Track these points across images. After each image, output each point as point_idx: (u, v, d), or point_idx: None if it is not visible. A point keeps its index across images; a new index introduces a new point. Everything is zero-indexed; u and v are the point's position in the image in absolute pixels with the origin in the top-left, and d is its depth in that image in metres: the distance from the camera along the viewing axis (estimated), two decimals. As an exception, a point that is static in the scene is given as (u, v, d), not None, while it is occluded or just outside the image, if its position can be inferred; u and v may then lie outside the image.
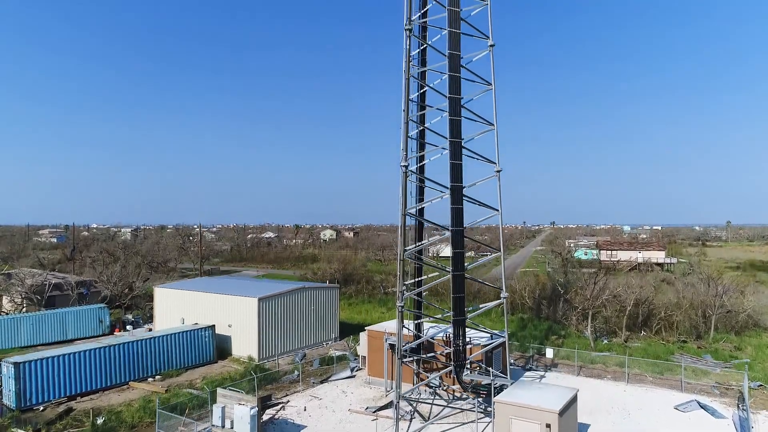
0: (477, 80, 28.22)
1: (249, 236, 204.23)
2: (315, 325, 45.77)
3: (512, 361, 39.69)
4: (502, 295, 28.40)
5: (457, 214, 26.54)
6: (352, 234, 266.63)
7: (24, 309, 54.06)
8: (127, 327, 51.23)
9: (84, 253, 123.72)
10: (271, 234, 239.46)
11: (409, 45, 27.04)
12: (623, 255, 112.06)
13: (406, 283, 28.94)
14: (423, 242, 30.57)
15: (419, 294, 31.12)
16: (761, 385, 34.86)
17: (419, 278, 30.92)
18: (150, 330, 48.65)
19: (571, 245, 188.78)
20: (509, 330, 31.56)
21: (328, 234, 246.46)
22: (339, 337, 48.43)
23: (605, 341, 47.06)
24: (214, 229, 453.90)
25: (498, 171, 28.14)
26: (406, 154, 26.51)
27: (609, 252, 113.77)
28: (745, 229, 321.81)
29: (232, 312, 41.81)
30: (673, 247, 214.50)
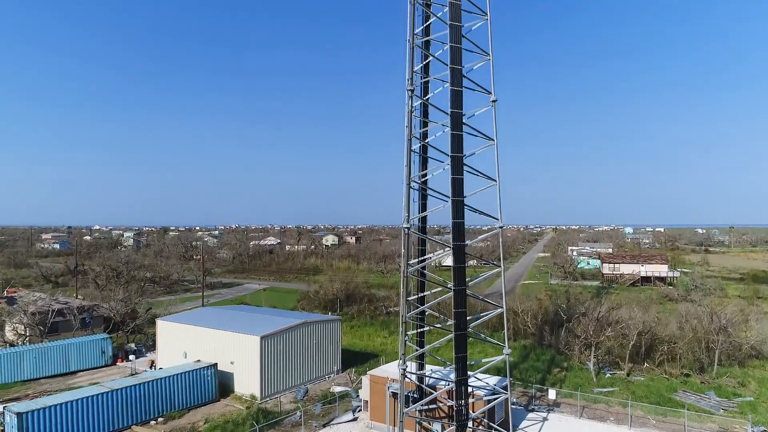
0: (480, 136, 28.16)
1: (251, 243, 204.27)
2: (317, 358, 45.75)
3: (515, 399, 39.59)
4: (504, 351, 28.33)
5: (460, 273, 26.47)
6: (354, 239, 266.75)
7: (27, 339, 54.16)
8: (130, 357, 51.28)
9: (86, 265, 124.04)
10: (273, 240, 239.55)
11: (411, 104, 26.97)
12: (626, 268, 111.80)
13: (408, 335, 28.91)
14: (426, 297, 30.51)
15: (422, 344, 31.12)
16: (765, 431, 34.72)
17: (421, 329, 30.85)
18: (152, 362, 48.69)
19: (574, 253, 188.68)
20: (512, 358, 31.52)
21: (330, 239, 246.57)
22: (341, 368, 48.41)
23: (608, 375, 46.96)
24: (216, 231, 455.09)
25: (500, 227, 28.07)
26: (409, 215, 26.46)
27: (612, 265, 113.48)
28: (748, 233, 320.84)
29: (234, 349, 41.81)
30: (675, 254, 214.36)
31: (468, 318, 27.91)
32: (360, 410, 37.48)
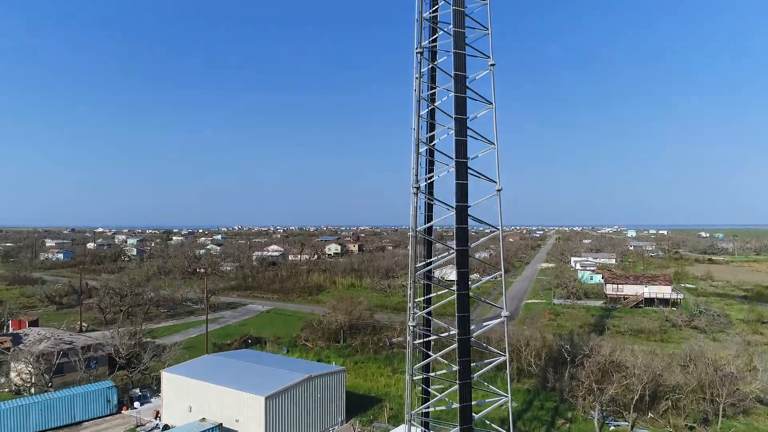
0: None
1: (255, 254, 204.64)
2: (321, 411, 45.86)
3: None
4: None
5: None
6: (356, 247, 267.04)
7: (33, 385, 54.38)
8: (135, 404, 51.47)
9: (90, 284, 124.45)
10: (276, 249, 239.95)
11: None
12: (629, 289, 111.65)
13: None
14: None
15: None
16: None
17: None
18: (157, 412, 48.82)
19: (577, 265, 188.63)
20: (515, 403, 31.39)
21: (333, 248, 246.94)
22: (345, 419, 48.51)
23: (612, 426, 46.95)
24: (219, 236, 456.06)
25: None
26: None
27: (615, 285, 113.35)
28: (751, 239, 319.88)
29: (239, 407, 41.94)
30: (679, 265, 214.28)
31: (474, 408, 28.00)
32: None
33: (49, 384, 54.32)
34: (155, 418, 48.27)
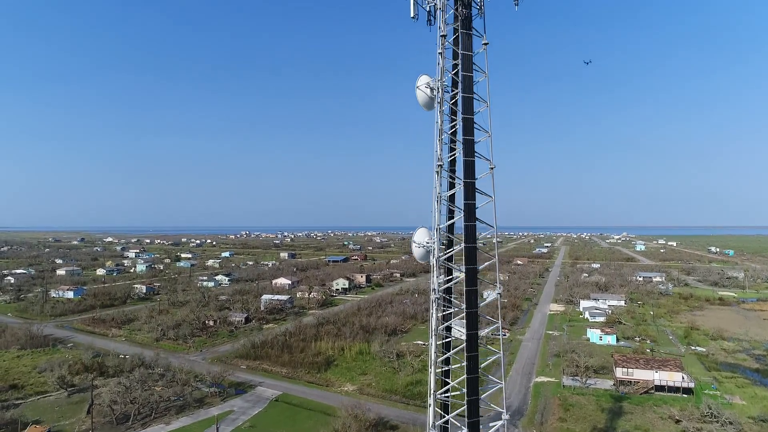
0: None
1: (264, 297, 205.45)
2: None
3: None
4: None
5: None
6: (364, 279, 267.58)
7: None
8: None
9: (100, 355, 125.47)
10: (284, 283, 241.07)
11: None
12: (639, 374, 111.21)
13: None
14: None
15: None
16: None
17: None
18: None
19: (586, 314, 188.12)
20: None
21: (340, 283, 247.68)
22: None
23: None
24: (227, 253, 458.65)
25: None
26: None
27: (625, 369, 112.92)
28: (763, 269, 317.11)
29: None
30: (689, 305, 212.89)
31: None
32: None
33: None
34: None
